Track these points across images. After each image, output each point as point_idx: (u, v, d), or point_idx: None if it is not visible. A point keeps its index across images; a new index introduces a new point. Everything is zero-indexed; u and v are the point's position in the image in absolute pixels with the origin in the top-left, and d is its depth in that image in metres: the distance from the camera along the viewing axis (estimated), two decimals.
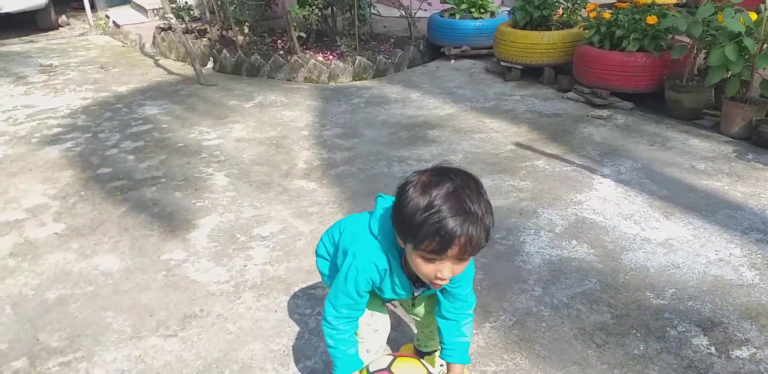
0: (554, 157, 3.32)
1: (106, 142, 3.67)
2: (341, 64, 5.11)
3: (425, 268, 1.22)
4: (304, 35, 5.30)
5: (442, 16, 5.55)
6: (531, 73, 4.70)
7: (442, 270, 1.21)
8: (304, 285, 2.27)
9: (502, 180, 3.07)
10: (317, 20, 5.43)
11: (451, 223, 1.13)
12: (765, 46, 3.29)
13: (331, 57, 5.27)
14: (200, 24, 6.13)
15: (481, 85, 4.69)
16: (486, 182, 3.02)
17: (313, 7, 5.26)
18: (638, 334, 1.96)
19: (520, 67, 4.72)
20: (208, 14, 5.83)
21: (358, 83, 4.91)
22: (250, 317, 2.11)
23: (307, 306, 2.16)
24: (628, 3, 4.20)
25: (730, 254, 2.37)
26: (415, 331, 1.84)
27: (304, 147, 3.54)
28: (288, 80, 5.10)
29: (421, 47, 5.66)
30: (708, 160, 3.20)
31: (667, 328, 1.98)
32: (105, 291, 2.26)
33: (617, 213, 2.71)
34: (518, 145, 3.52)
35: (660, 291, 2.16)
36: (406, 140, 3.63)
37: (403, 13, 5.78)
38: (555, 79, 4.55)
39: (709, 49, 3.51)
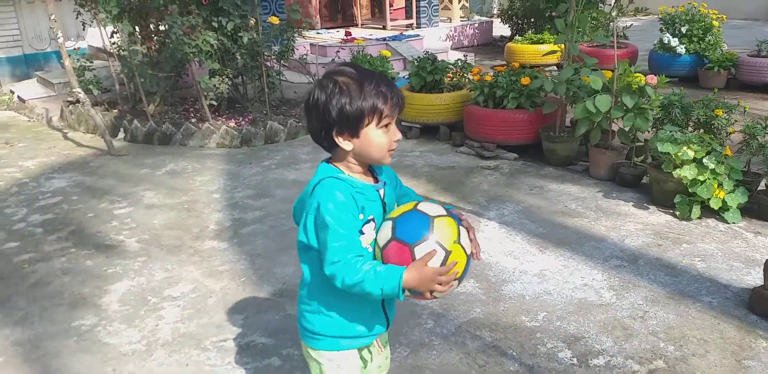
0: (448, 205, 3.66)
1: (12, 216, 3.68)
2: (253, 129, 5.39)
3: (383, 139, 1.36)
4: (215, 103, 5.56)
5: None
6: (429, 131, 5.15)
7: (394, 133, 1.38)
8: (215, 339, 2.40)
9: None
10: (228, 89, 5.73)
11: (386, 84, 1.35)
12: (618, 99, 3.84)
13: (243, 122, 5.54)
14: (110, 96, 6.27)
15: None
16: None
17: (223, 77, 5.57)
18: (514, 353, 2.24)
19: (419, 126, 5.17)
20: (117, 86, 6.00)
21: (270, 146, 5.18)
22: (161, 372, 2.21)
23: (217, 357, 2.29)
24: (505, 67, 4.79)
25: (593, 279, 2.74)
26: None
27: (215, 209, 3.71)
28: (201, 147, 5.29)
29: None
30: (578, 200, 3.65)
31: (538, 346, 2.27)
32: (15, 360, 2.30)
33: (500, 250, 3.04)
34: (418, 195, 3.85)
35: (534, 315, 2.47)
36: None
37: (310, 79, 6.20)
38: (450, 135, 5.01)
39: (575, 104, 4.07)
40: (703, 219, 3.28)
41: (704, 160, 3.18)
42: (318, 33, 10.03)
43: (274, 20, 5.71)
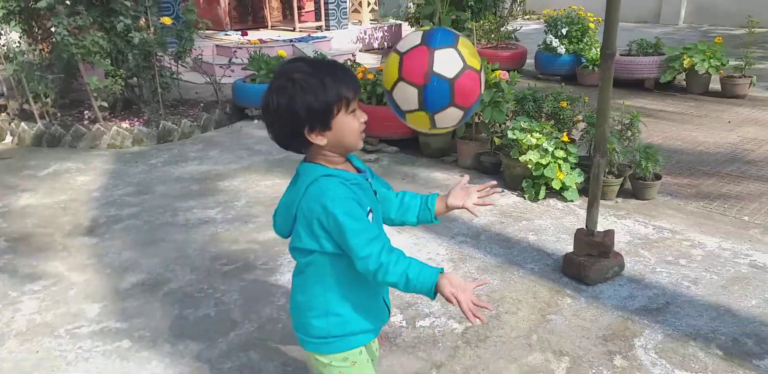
0: None
1: None
2: (145, 129, 5.41)
3: (354, 124, 1.33)
4: (106, 104, 5.54)
5: (245, 82, 6.12)
6: None
7: (361, 115, 1.35)
8: (69, 327, 2.49)
9: None
10: (121, 90, 5.71)
11: (341, 68, 1.33)
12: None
13: (136, 123, 5.55)
14: (1, 100, 6.10)
15: None
16: (262, 220, 3.48)
17: (116, 78, 5.57)
18: None
19: None
20: (5, 89, 5.86)
21: (161, 146, 5.22)
22: (11, 359, 2.29)
23: (68, 343, 2.38)
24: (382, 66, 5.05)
25: (437, 254, 3.01)
26: None
27: (92, 207, 3.76)
28: (91, 148, 5.27)
29: (228, 110, 6.15)
30: (443, 187, 3.94)
31: None
32: None
33: None
34: None
35: None
36: (197, 192, 4.00)
37: (207, 79, 6.27)
38: None
39: None
40: (547, 199, 3.63)
41: (544, 145, 3.54)
42: (226, 34, 10.05)
43: (167, 21, 5.75)
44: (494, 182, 1.56)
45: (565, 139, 3.62)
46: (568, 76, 7.24)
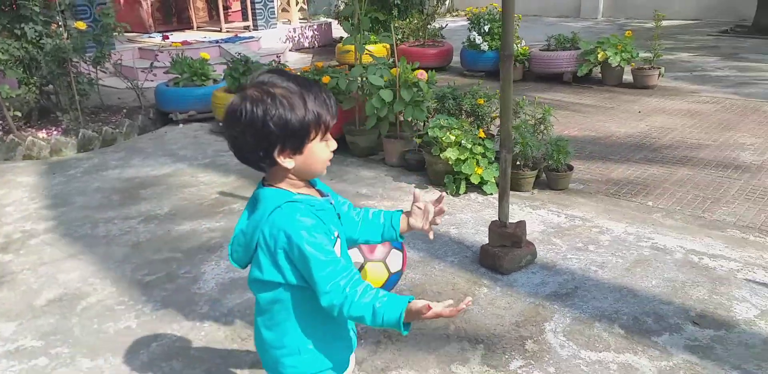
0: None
1: None
2: (63, 138, 5.22)
3: (326, 153, 1.27)
4: (19, 114, 5.30)
5: (167, 86, 5.99)
6: None
7: (332, 143, 1.29)
8: None
9: (199, 224, 3.50)
10: (35, 98, 5.48)
11: (324, 91, 1.24)
12: (399, 94, 4.24)
13: (54, 132, 5.34)
14: None
15: (203, 145, 5.16)
16: (185, 228, 3.43)
17: (30, 86, 5.33)
18: None
19: None
20: None
21: (81, 155, 5.05)
22: None
23: None
24: (309, 66, 5.06)
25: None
26: None
27: (5, 222, 3.61)
28: (6, 160, 5.04)
29: (151, 115, 6.00)
30: (370, 185, 4.01)
31: None
32: None
33: None
34: (222, 193, 4.01)
35: None
36: (117, 202, 3.90)
37: (129, 84, 6.09)
38: None
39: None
40: (468, 193, 3.76)
41: (462, 142, 3.66)
42: (150, 36, 9.77)
43: (80, 25, 5.56)
44: (443, 194, 1.50)
45: (482, 135, 3.75)
46: (493, 71, 7.45)
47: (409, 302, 1.22)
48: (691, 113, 5.45)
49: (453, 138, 3.68)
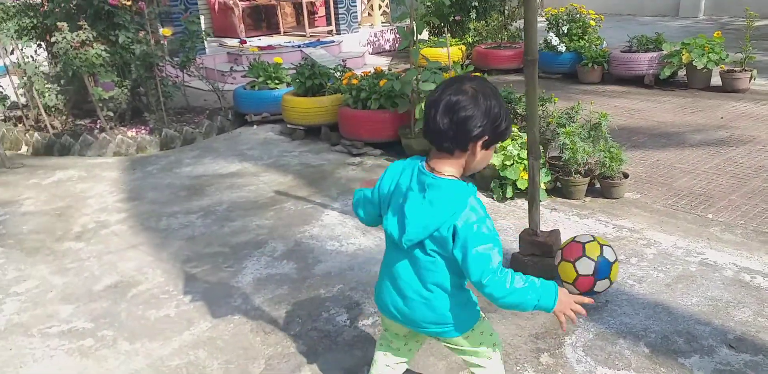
0: (302, 199, 4.01)
1: None
2: (148, 137, 5.66)
3: (490, 157, 1.54)
4: (111, 114, 5.81)
5: (245, 89, 6.32)
6: (313, 132, 5.49)
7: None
8: (42, 327, 2.69)
9: (250, 221, 3.69)
10: (127, 99, 5.99)
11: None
12: None
13: (143, 131, 5.81)
14: (18, 111, 6.46)
15: (271, 146, 5.41)
16: (237, 223, 3.64)
17: (123, 88, 5.84)
18: (299, 320, 2.58)
19: (302, 127, 5.52)
20: (24, 101, 6.21)
21: (162, 153, 5.45)
22: None
23: (38, 342, 2.57)
24: (369, 71, 5.16)
25: None
26: None
27: (85, 213, 3.98)
28: (98, 156, 5.54)
29: (230, 116, 6.36)
30: None
31: (323, 312, 2.63)
32: None
33: (328, 236, 3.40)
34: (278, 192, 4.19)
35: (331, 288, 2.83)
36: (183, 197, 4.19)
37: (211, 87, 6.50)
38: (329, 135, 5.36)
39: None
40: (515, 199, 3.69)
41: (508, 147, 3.59)
42: (242, 39, 10.32)
43: (167, 32, 6.01)
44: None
45: None
46: (570, 73, 7.21)
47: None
48: None
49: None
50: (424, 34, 9.74)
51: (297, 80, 5.52)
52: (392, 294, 1.64)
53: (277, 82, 6.30)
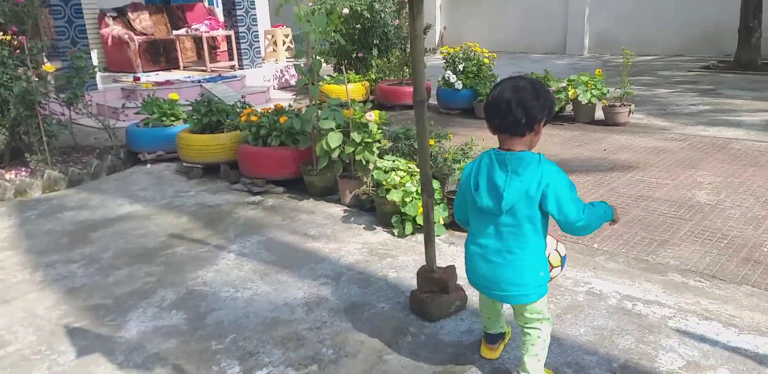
0: (197, 242, 3.82)
1: None
2: (29, 179, 5.23)
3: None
4: None
5: (138, 126, 6.04)
6: (212, 171, 5.31)
7: None
8: None
9: (138, 269, 3.46)
10: (5, 139, 5.54)
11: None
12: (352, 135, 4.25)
13: (23, 173, 5.36)
14: None
15: (165, 185, 5.16)
16: (123, 272, 3.39)
17: (0, 128, 5.40)
18: None
19: (200, 166, 5.32)
20: None
21: (44, 196, 5.05)
22: None
23: None
24: (269, 108, 5.11)
25: (294, 298, 3.00)
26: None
27: None
28: None
29: (122, 155, 6.03)
30: (321, 227, 3.97)
31: (213, 366, 2.47)
32: None
33: (223, 281, 3.24)
34: (171, 235, 3.97)
35: (223, 339, 2.67)
36: (65, 245, 3.86)
37: (101, 124, 6.15)
38: (229, 174, 5.20)
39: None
40: (415, 234, 3.71)
41: (406, 184, 3.63)
42: (135, 76, 9.95)
43: (49, 68, 5.66)
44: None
45: None
46: (468, 109, 7.52)
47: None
48: (657, 151, 5.44)
49: (398, 179, 3.65)
50: (329, 71, 9.87)
51: (193, 117, 5.36)
52: (481, 264, 2.05)
53: (172, 118, 6.09)
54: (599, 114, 6.70)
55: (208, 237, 3.91)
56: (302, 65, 4.64)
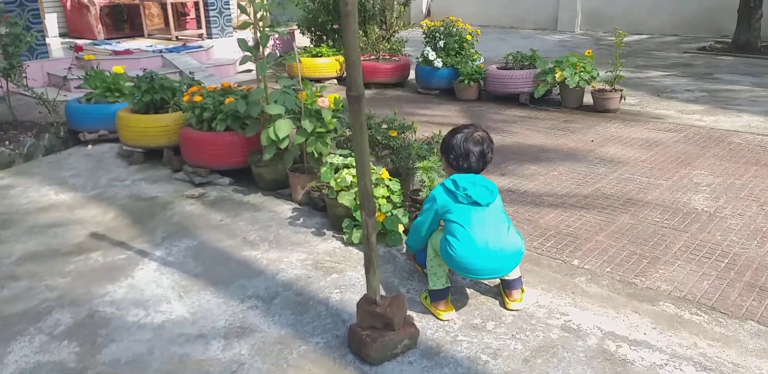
0: (118, 245, 3.29)
1: None
2: None
3: None
4: None
5: (79, 102, 5.41)
6: (155, 155, 4.73)
7: None
8: None
9: (41, 280, 2.93)
10: None
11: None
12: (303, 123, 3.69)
13: None
14: None
15: (101, 172, 4.58)
16: (21, 285, 2.87)
17: None
18: None
19: (141, 150, 4.74)
20: None
21: None
22: None
23: None
24: (215, 86, 4.51)
25: (212, 327, 2.50)
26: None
27: None
28: None
29: (62, 134, 5.42)
30: (263, 230, 3.44)
31: None
32: None
33: (134, 300, 2.72)
34: (91, 235, 3.44)
35: None
36: None
37: (38, 99, 5.52)
38: (172, 160, 4.63)
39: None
40: None
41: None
42: (95, 44, 9.20)
43: None
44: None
45: (385, 175, 3.20)
46: (447, 90, 6.94)
47: None
48: (649, 143, 4.94)
49: (350, 179, 3.12)
50: (306, 42, 9.16)
51: (134, 94, 4.74)
52: (491, 255, 2.38)
53: (117, 94, 5.46)
54: (588, 98, 6.16)
55: (133, 239, 3.38)
56: (276, 35, 4.00)
